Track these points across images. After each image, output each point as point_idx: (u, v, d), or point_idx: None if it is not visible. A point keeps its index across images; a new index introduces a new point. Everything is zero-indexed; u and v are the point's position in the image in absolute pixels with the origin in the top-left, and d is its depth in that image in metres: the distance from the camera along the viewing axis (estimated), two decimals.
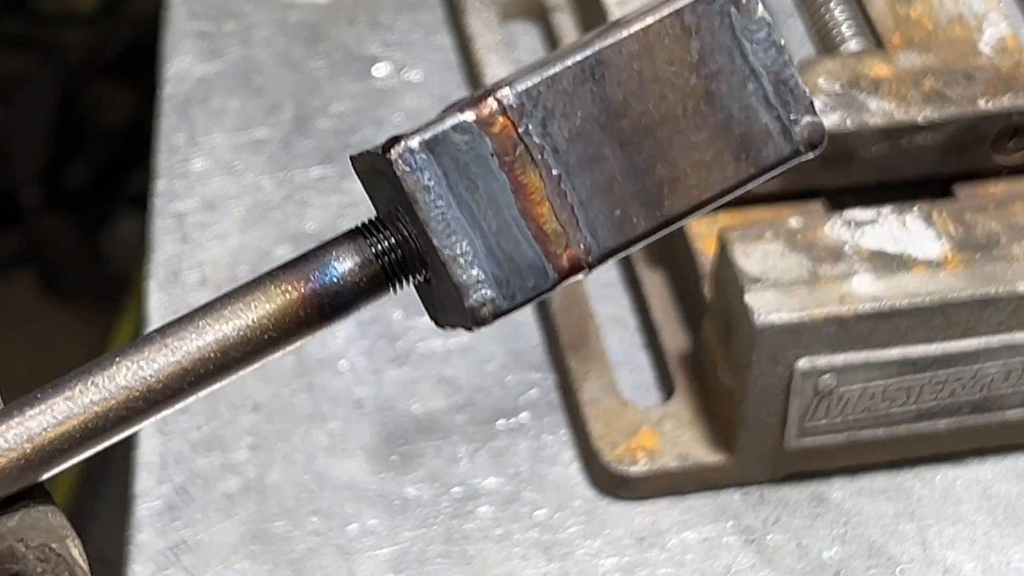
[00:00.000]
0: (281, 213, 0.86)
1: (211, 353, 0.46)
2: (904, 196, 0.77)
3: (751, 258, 0.72)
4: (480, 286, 0.46)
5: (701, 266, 0.77)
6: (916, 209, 0.75)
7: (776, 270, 0.72)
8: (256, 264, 0.83)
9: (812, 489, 0.77)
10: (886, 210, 0.75)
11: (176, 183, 0.88)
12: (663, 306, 0.81)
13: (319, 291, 0.47)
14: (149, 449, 0.77)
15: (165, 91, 0.92)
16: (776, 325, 0.70)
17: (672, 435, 0.76)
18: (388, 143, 0.45)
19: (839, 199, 0.78)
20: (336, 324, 0.47)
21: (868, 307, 0.71)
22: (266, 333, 0.46)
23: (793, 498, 0.76)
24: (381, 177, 0.47)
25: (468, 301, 0.46)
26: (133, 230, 1.73)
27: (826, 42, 0.83)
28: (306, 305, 0.47)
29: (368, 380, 0.80)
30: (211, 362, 0.46)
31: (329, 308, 0.47)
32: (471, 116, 0.46)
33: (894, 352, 0.72)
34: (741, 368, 0.72)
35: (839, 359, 0.72)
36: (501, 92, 0.46)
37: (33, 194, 1.82)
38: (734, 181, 0.47)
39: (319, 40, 0.95)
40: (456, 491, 0.76)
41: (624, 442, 0.76)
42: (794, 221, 0.74)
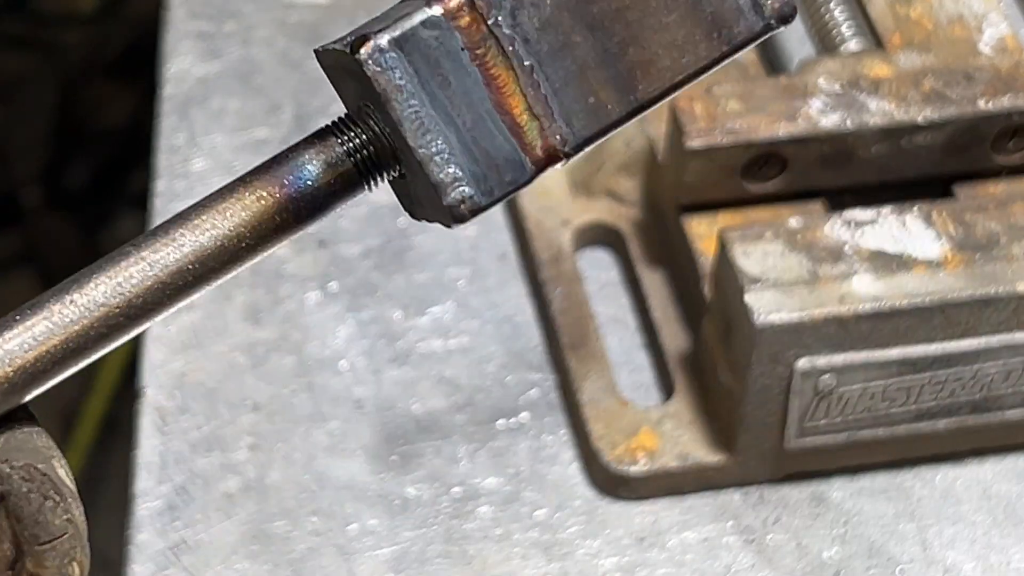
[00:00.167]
0: None
1: (189, 265, 0.46)
2: (904, 196, 0.77)
3: (751, 258, 0.72)
4: (458, 183, 0.45)
5: (701, 266, 0.77)
6: (916, 209, 0.75)
7: (776, 270, 0.72)
8: (256, 264, 0.83)
9: (812, 489, 0.77)
10: (886, 210, 0.74)
11: (176, 183, 0.88)
12: (663, 306, 0.81)
13: (294, 195, 0.46)
14: (149, 449, 0.77)
15: (165, 91, 0.92)
16: (776, 325, 0.70)
17: (672, 435, 0.76)
18: (358, 41, 0.45)
19: (839, 199, 0.78)
20: (312, 225, 0.47)
21: (868, 307, 0.71)
22: (243, 241, 0.46)
23: (793, 498, 0.76)
24: (350, 74, 0.46)
25: (447, 199, 0.45)
26: (133, 230, 1.72)
27: (826, 42, 0.83)
28: (282, 210, 0.46)
29: (368, 380, 0.80)
30: (189, 274, 0.46)
31: (305, 211, 0.47)
32: (439, 10, 0.45)
33: (894, 352, 0.72)
34: (741, 368, 0.72)
35: (839, 359, 0.72)
36: None
37: (33, 194, 1.82)
38: (706, 60, 0.47)
39: (319, 40, 0.95)
40: (456, 491, 0.76)
41: (624, 442, 0.76)
42: (794, 221, 0.74)
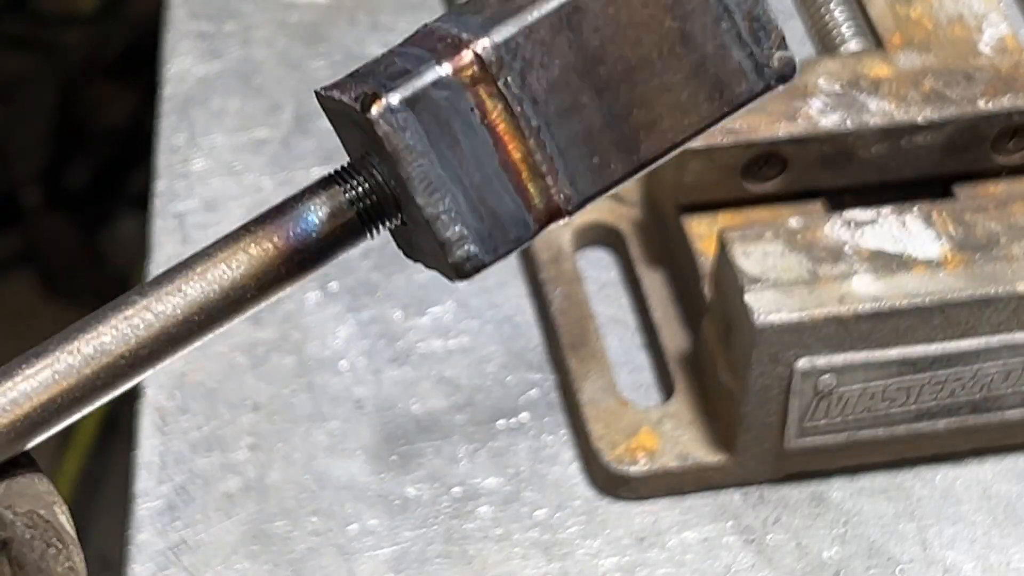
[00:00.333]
0: None
1: (193, 316, 0.46)
2: (904, 196, 0.77)
3: (751, 258, 0.72)
4: (463, 242, 0.45)
5: (701, 266, 0.77)
6: (916, 209, 0.75)
7: (776, 270, 0.72)
8: None
9: (812, 489, 0.77)
10: (886, 210, 0.74)
11: (176, 183, 0.88)
12: (663, 306, 0.81)
13: (298, 246, 0.46)
14: (149, 449, 0.77)
15: (165, 91, 0.92)
16: (776, 325, 0.70)
17: (672, 435, 0.76)
18: (368, 99, 0.45)
19: (839, 199, 0.78)
20: (314, 272, 0.47)
21: (868, 307, 0.71)
22: (247, 292, 0.46)
23: (793, 498, 0.76)
24: (355, 124, 0.46)
25: (453, 258, 0.45)
26: (133, 230, 1.73)
27: (826, 42, 0.83)
28: (286, 261, 0.46)
29: (368, 380, 0.80)
30: (194, 324, 0.46)
31: (308, 261, 0.47)
32: (449, 69, 0.45)
33: (894, 352, 0.72)
34: (741, 368, 0.72)
35: (839, 359, 0.72)
36: (479, 44, 0.45)
37: (33, 194, 1.82)
38: (708, 120, 0.47)
39: (319, 40, 0.95)
40: (456, 491, 0.76)
41: (624, 442, 0.76)
42: (794, 221, 0.74)
